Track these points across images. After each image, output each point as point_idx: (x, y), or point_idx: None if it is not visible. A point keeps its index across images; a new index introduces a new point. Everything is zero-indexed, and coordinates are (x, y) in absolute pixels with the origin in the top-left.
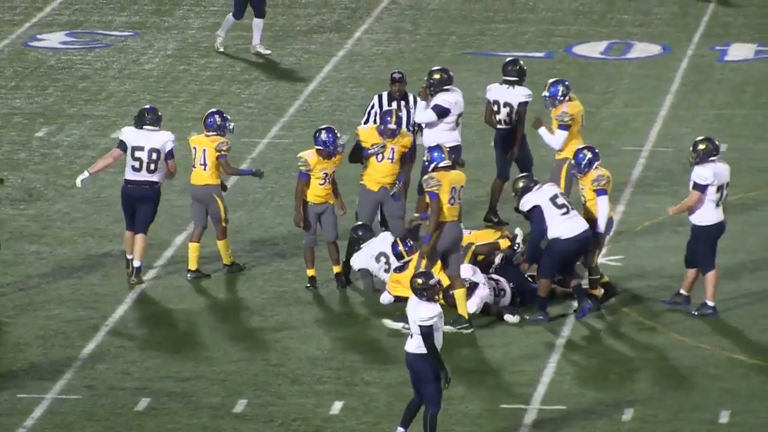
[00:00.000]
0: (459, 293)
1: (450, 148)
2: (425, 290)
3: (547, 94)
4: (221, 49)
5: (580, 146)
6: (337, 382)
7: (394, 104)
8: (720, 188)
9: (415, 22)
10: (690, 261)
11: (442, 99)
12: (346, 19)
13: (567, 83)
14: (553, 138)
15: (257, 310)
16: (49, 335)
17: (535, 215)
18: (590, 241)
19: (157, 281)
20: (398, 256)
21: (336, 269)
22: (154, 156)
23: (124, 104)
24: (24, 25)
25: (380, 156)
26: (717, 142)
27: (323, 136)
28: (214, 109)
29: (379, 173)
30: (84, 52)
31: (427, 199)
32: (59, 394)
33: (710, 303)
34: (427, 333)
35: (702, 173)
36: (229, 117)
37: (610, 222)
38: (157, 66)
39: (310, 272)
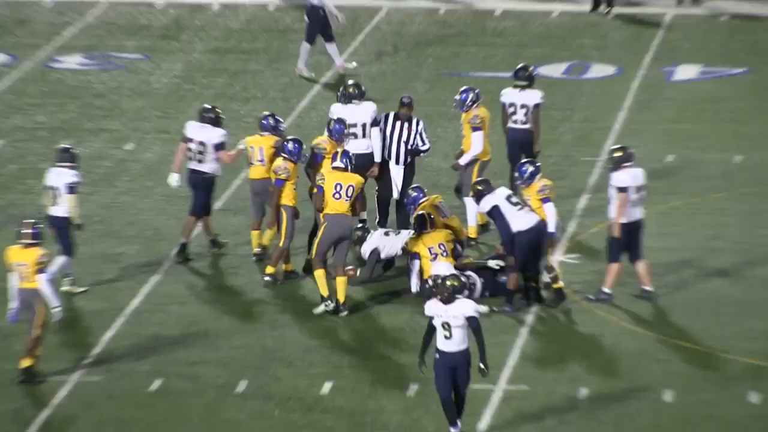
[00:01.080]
0: (340, 281)
1: (357, 154)
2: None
3: (458, 98)
4: (307, 75)
5: (523, 161)
6: (327, 365)
7: (398, 123)
8: (638, 189)
9: (395, 45)
10: (631, 255)
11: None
12: (337, 44)
13: (478, 92)
14: (475, 144)
15: (256, 302)
16: (73, 325)
17: (497, 213)
18: (545, 231)
19: (168, 276)
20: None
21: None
22: (201, 148)
23: (136, 119)
24: (45, 49)
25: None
26: (631, 150)
27: (290, 146)
28: (267, 113)
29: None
30: (99, 72)
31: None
32: (82, 376)
33: (607, 290)
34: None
35: (620, 178)
36: (281, 119)
37: (557, 224)
38: (164, 85)
39: (270, 270)
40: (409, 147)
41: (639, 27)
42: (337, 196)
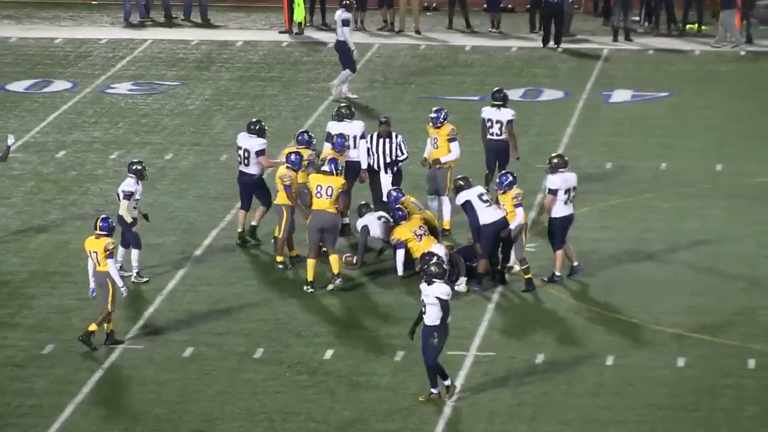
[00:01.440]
0: (333, 258)
1: (350, 161)
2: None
3: (433, 116)
4: (350, 95)
5: (505, 171)
6: (329, 335)
7: (381, 140)
8: (568, 191)
9: (384, 74)
10: (556, 246)
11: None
12: (335, 73)
13: (446, 111)
14: (453, 151)
15: (271, 283)
16: (121, 301)
17: (468, 207)
18: (506, 225)
19: (198, 262)
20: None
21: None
22: (246, 154)
23: (174, 135)
24: (101, 77)
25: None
26: (566, 158)
27: (292, 157)
28: (303, 129)
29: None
30: (145, 96)
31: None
32: (128, 344)
33: (558, 273)
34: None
35: (553, 181)
36: (312, 135)
37: (523, 225)
38: (198, 107)
39: (279, 258)
40: (393, 158)
41: (582, 59)
42: (318, 195)
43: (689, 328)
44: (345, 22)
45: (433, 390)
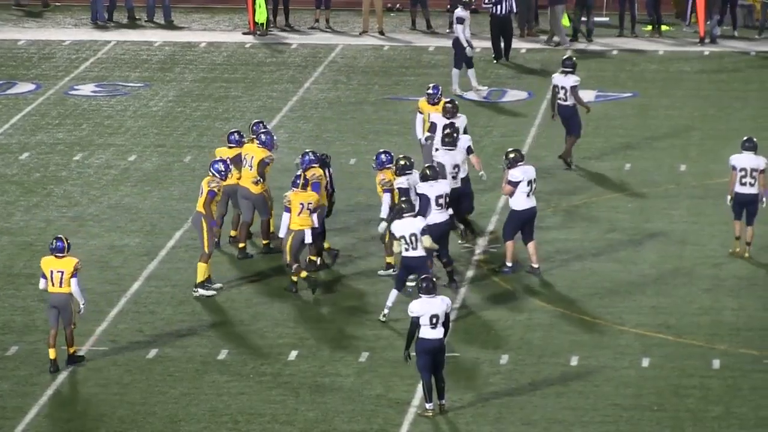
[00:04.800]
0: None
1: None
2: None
3: (431, 92)
4: (460, 93)
5: (381, 150)
6: (293, 337)
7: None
8: (530, 182)
9: (348, 75)
10: (524, 237)
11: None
12: (299, 74)
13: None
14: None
15: (235, 284)
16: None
17: (422, 202)
18: (450, 227)
19: (163, 264)
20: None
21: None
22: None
23: (138, 136)
24: (65, 79)
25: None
26: (522, 152)
27: (219, 165)
28: (234, 130)
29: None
30: (108, 98)
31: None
32: (91, 346)
33: (509, 264)
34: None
35: (514, 174)
36: (243, 134)
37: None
38: (161, 108)
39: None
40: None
41: (546, 59)
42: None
43: (654, 328)
44: (458, 20)
45: (427, 405)
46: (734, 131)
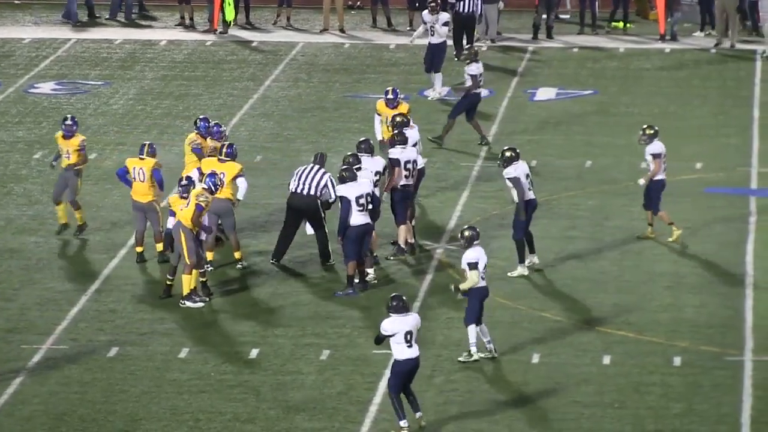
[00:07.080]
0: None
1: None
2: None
3: (390, 96)
4: (438, 97)
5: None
6: (254, 335)
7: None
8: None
9: (309, 73)
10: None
11: None
12: (259, 72)
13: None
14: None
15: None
16: (44, 302)
17: (343, 204)
18: (371, 229)
19: (123, 262)
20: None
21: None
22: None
23: (98, 134)
24: (24, 77)
25: None
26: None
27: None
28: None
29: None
30: (68, 96)
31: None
32: (52, 344)
33: (401, 244)
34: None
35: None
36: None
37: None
38: (121, 106)
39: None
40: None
41: (507, 57)
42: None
43: (614, 325)
44: (445, 24)
45: (401, 423)
46: (694, 128)
